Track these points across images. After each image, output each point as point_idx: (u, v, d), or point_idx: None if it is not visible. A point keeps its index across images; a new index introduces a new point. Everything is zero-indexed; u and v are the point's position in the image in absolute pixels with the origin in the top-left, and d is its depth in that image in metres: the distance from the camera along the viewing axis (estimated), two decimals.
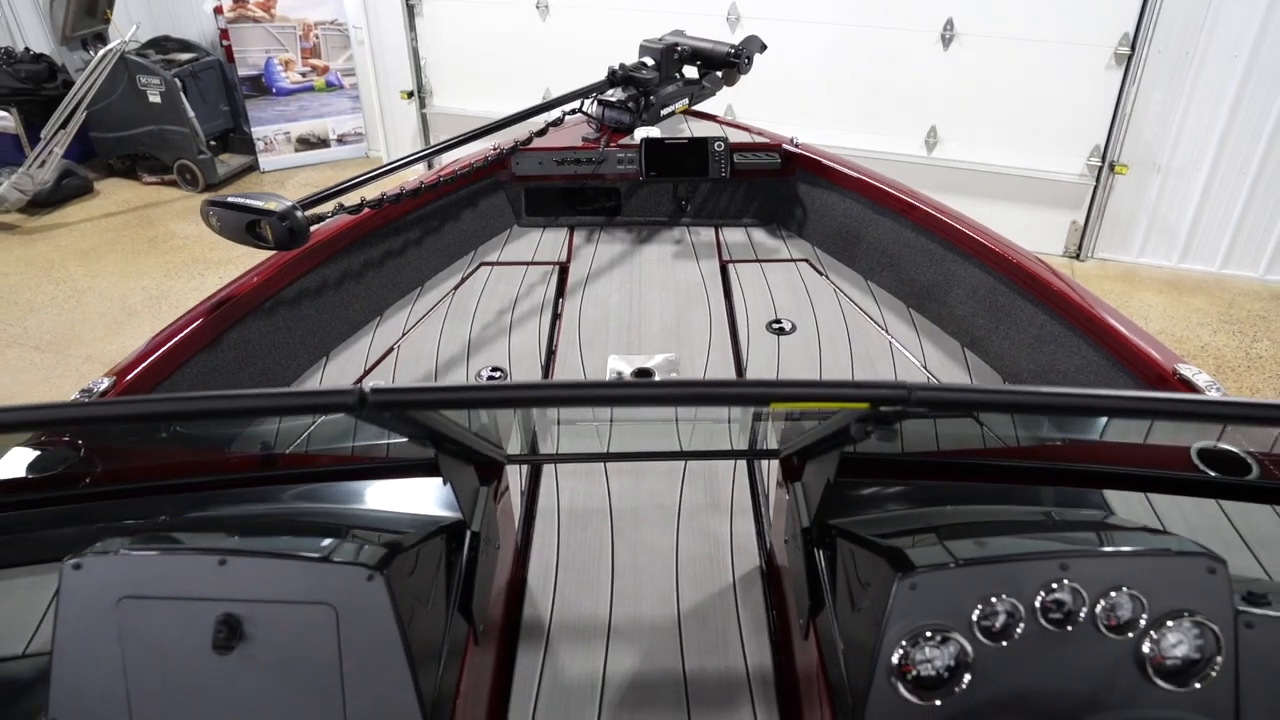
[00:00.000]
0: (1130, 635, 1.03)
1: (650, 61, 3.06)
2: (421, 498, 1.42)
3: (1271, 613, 1.05)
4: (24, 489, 1.46)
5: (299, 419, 1.59)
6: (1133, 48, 4.45)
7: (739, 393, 0.94)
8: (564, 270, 2.85)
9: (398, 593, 1.05)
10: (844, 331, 2.48)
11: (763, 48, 3.23)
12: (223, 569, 1.03)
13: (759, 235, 3.10)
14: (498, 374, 2.32)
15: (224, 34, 6.10)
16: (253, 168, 6.38)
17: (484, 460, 1.46)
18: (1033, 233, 4.91)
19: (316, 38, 6.21)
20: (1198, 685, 1.03)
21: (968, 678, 1.03)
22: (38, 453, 1.51)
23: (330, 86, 6.37)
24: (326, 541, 1.11)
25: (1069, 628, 1.03)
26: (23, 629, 1.24)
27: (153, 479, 1.48)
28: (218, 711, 1.03)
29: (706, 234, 3.09)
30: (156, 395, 1.21)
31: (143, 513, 1.42)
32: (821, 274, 2.80)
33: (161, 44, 6.16)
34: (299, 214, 1.96)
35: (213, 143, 6.12)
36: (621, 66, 3.01)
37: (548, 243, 3.04)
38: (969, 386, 1.13)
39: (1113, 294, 4.74)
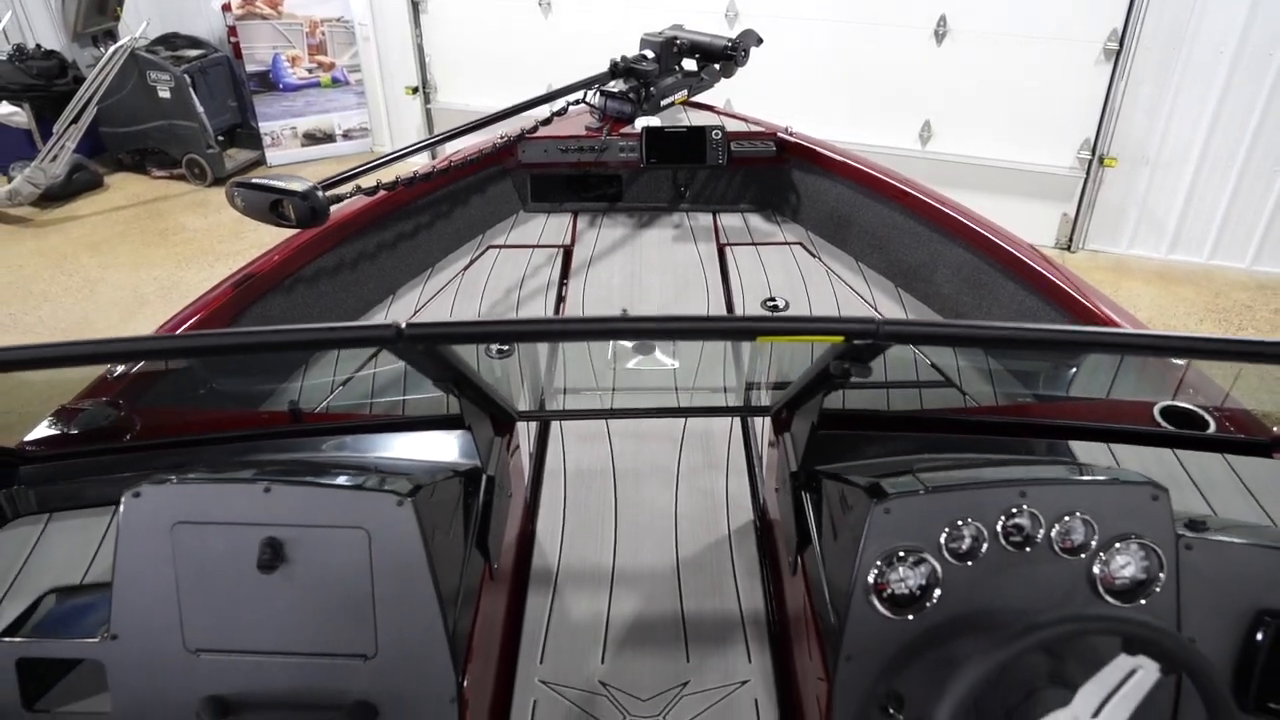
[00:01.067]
0: (1083, 556, 1.15)
1: (650, 54, 3.17)
2: (439, 452, 1.54)
3: (1208, 537, 1.16)
4: (74, 442, 1.58)
5: (324, 379, 1.71)
6: (1121, 43, 4.56)
7: (729, 326, 1.05)
8: (568, 253, 2.96)
9: (424, 519, 1.16)
10: (835, 309, 2.60)
11: (759, 42, 3.34)
12: (268, 496, 1.15)
13: (755, 220, 3.21)
14: (506, 349, 2.44)
15: (232, 30, 6.22)
16: (260, 162, 6.49)
17: (499, 413, 1.57)
18: (1024, 225, 4.96)
19: (323, 34, 6.32)
20: (1143, 602, 1.14)
21: (937, 594, 1.14)
22: (84, 410, 1.63)
23: (336, 82, 6.48)
24: (359, 475, 1.23)
25: (1028, 549, 1.15)
26: (80, 562, 1.36)
27: (190, 433, 1.60)
28: (262, 626, 1.15)
29: (705, 219, 3.21)
30: (213, 330, 1.31)
31: (183, 464, 1.54)
32: (814, 256, 2.91)
33: (170, 40, 6.27)
34: (320, 194, 2.07)
35: (220, 138, 6.22)
36: (623, 59, 3.12)
37: (552, 227, 3.15)
38: (932, 321, 1.25)
39: (1103, 284, 4.80)
